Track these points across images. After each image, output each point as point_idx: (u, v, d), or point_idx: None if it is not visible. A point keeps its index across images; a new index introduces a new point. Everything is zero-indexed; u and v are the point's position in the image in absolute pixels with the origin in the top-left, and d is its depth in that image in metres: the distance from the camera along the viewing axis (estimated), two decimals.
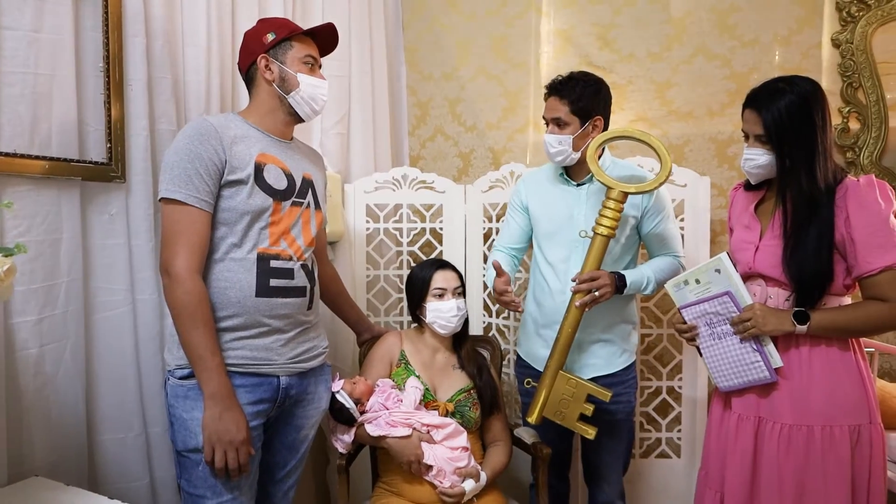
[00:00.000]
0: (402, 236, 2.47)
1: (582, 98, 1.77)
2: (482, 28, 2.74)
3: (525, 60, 2.68)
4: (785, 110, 1.43)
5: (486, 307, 2.46)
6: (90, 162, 1.53)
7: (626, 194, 1.69)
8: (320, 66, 1.60)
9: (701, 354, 1.58)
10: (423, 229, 2.47)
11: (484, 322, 2.45)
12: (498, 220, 2.33)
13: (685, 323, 1.59)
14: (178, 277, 1.35)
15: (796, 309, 1.43)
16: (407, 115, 2.88)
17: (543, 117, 1.85)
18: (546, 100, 1.84)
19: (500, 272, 1.76)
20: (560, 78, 1.81)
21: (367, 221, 2.43)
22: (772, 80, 1.49)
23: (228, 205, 1.43)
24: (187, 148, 1.38)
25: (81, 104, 1.53)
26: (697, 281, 1.54)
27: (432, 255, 2.44)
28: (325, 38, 1.61)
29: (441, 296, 1.83)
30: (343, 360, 2.32)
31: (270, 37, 1.51)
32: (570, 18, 2.63)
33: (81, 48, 1.53)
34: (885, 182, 1.43)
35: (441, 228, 2.45)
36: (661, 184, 1.69)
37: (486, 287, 2.43)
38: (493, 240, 2.27)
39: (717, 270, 1.50)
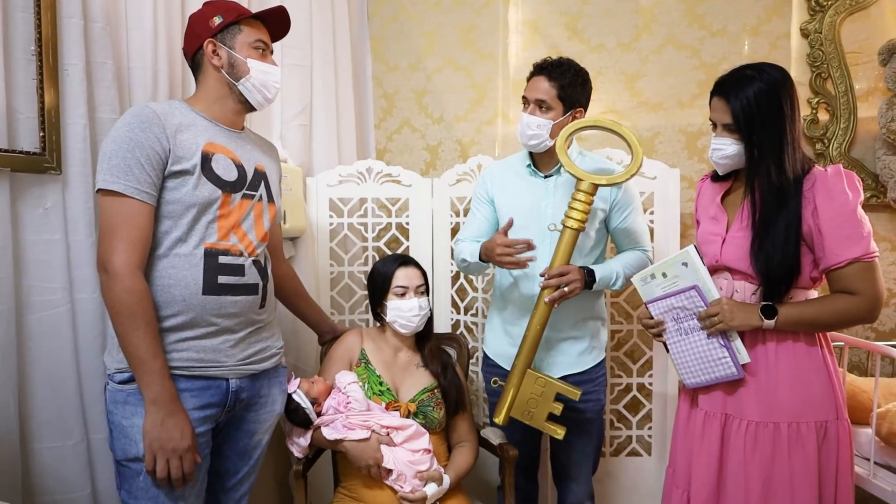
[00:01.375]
0: (367, 231, 2.40)
1: (571, 84, 1.72)
2: (449, 18, 2.67)
3: (493, 51, 2.63)
4: (754, 99, 1.38)
5: (454, 304, 2.39)
6: (21, 152, 1.43)
7: (596, 186, 1.63)
8: (272, 52, 1.52)
9: (668, 350, 1.54)
10: (389, 224, 2.40)
11: (451, 319, 2.38)
12: (465, 215, 2.26)
13: (652, 318, 1.54)
14: (116, 274, 1.26)
15: (764, 303, 1.39)
16: (373, 107, 2.80)
17: (524, 96, 1.77)
18: (530, 79, 1.77)
19: (505, 228, 1.66)
20: (550, 59, 1.75)
21: (331, 216, 2.35)
22: (740, 68, 1.45)
23: (173, 197, 1.34)
24: (127, 136, 1.30)
25: (10, 90, 1.42)
26: (664, 275, 1.49)
27: (399, 251, 2.36)
28: (275, 23, 1.53)
29: (402, 294, 1.76)
30: (306, 361, 2.24)
31: (217, 20, 1.43)
32: (538, 8, 2.57)
33: (10, 30, 1.43)
34: (852, 172, 1.39)
35: (407, 223, 2.37)
36: (632, 175, 1.64)
37: (454, 283, 2.37)
38: None
39: (685, 264, 1.46)
